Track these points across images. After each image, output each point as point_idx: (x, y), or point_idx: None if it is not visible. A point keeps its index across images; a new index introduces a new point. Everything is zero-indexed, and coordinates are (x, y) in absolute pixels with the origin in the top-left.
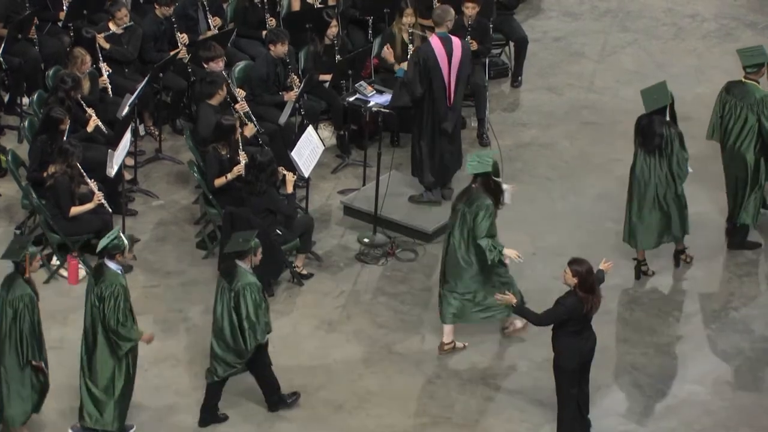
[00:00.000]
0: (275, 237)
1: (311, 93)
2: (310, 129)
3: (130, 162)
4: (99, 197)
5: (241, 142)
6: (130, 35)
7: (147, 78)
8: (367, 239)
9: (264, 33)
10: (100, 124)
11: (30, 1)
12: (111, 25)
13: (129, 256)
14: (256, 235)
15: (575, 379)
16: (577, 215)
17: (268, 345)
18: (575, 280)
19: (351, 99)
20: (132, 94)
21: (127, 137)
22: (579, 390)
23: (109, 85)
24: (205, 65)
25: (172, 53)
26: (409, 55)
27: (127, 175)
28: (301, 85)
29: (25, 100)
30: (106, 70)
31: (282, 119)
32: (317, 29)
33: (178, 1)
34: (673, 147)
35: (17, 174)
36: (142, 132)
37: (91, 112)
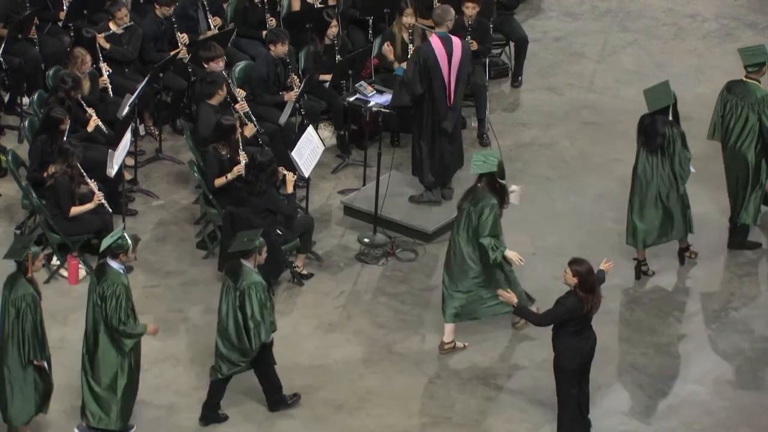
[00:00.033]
0: (275, 237)
1: (311, 93)
2: (310, 129)
3: (130, 162)
4: (99, 197)
5: (241, 142)
6: (130, 35)
7: (147, 78)
8: (367, 239)
9: (264, 33)
10: (100, 123)
11: (30, 1)
12: (111, 25)
13: (132, 256)
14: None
15: (575, 379)
16: (577, 215)
17: (272, 344)
18: (575, 280)
19: (351, 99)
20: (132, 94)
21: (127, 137)
22: (579, 390)
23: (110, 85)
24: (206, 65)
25: (172, 53)
26: (409, 55)
27: (127, 175)
28: (301, 85)
29: (26, 100)
30: (106, 70)
31: (282, 119)
32: (317, 29)
33: (178, 1)
34: (676, 147)
35: (17, 174)
36: (142, 132)
37: (92, 111)
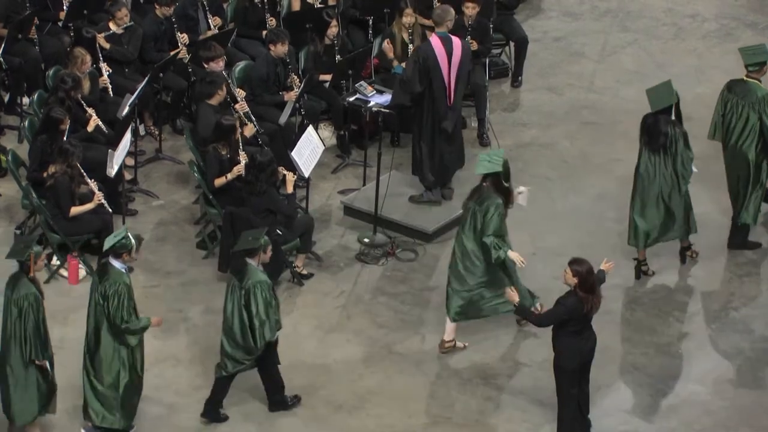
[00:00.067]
0: (275, 237)
1: (311, 93)
2: (310, 129)
3: (130, 162)
4: (99, 197)
5: (241, 142)
6: (130, 35)
7: (147, 78)
8: (367, 239)
9: (264, 33)
10: (100, 123)
11: (30, 1)
12: (111, 25)
13: (135, 256)
14: None
15: (575, 379)
16: (577, 215)
17: (277, 343)
18: (575, 280)
19: (351, 99)
20: (132, 94)
21: (128, 137)
22: (579, 390)
23: (110, 85)
24: (206, 65)
25: (172, 53)
26: (410, 54)
27: (127, 175)
28: (301, 85)
29: (26, 100)
30: (106, 70)
31: (282, 119)
32: (317, 29)
33: (178, 1)
34: (678, 146)
35: (17, 174)
36: (142, 132)
37: (92, 111)
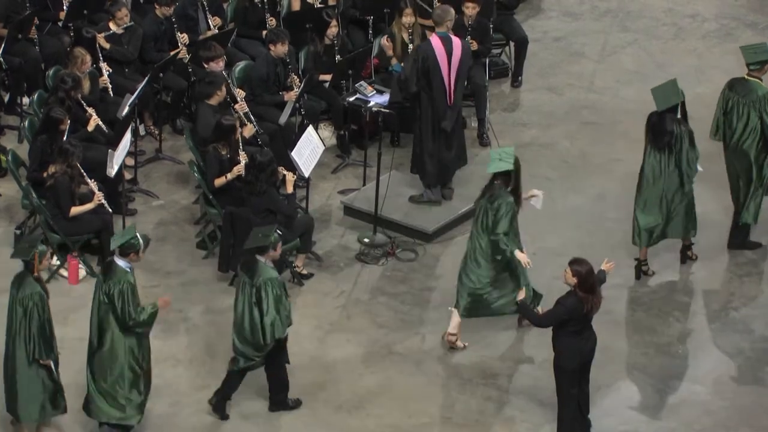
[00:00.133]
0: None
1: (311, 93)
2: (310, 129)
3: (130, 162)
4: (99, 197)
5: (241, 142)
6: (130, 35)
7: (147, 78)
8: (367, 239)
9: (264, 33)
10: (100, 123)
11: (30, 1)
12: (111, 25)
13: (141, 256)
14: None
15: (575, 379)
16: (577, 215)
17: (287, 341)
18: (575, 280)
19: (351, 99)
20: (132, 94)
21: (128, 137)
22: (579, 390)
23: (110, 85)
24: (206, 65)
25: (172, 53)
26: (409, 52)
27: (127, 175)
28: (301, 85)
29: (26, 100)
30: (106, 69)
31: (282, 119)
32: (317, 29)
33: (178, 1)
34: (683, 145)
35: (17, 174)
36: (142, 132)
37: (92, 111)
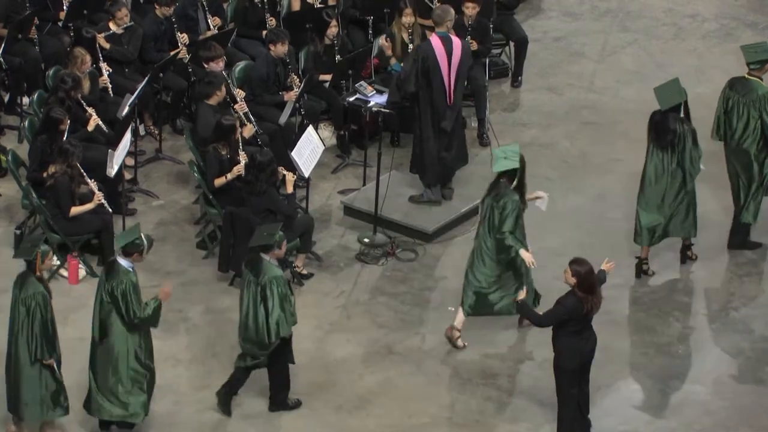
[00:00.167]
0: None
1: (311, 93)
2: (310, 129)
3: (130, 162)
4: (99, 197)
5: (241, 142)
6: (130, 35)
7: (147, 78)
8: (367, 239)
9: (264, 33)
10: (100, 123)
11: (30, 1)
12: (111, 25)
13: (144, 256)
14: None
15: (575, 379)
16: (577, 215)
17: (291, 340)
18: (574, 280)
19: (351, 99)
20: (132, 94)
21: (127, 137)
22: (579, 390)
23: (110, 85)
24: (205, 65)
25: (172, 53)
26: (409, 52)
27: (127, 175)
28: (301, 85)
29: (26, 100)
30: (106, 69)
31: (282, 119)
32: (317, 29)
33: (178, 1)
34: (686, 144)
35: (17, 174)
36: (142, 132)
37: (92, 111)
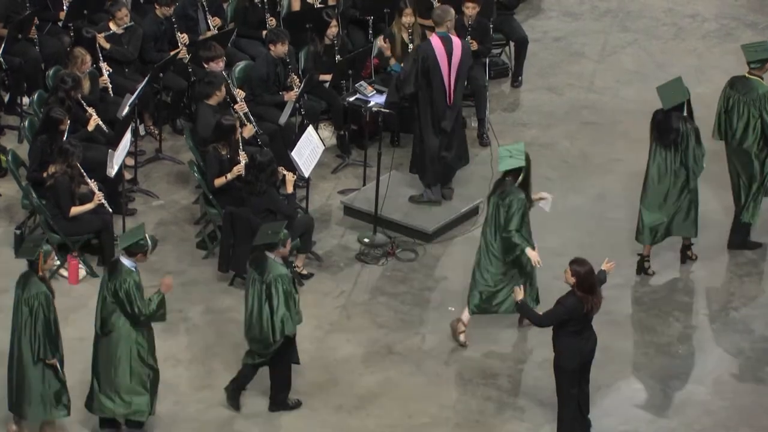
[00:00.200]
0: None
1: (311, 93)
2: (310, 129)
3: (130, 162)
4: (99, 197)
5: (241, 142)
6: (130, 35)
7: (147, 78)
8: (367, 239)
9: (264, 33)
10: (100, 123)
11: (30, 1)
12: (111, 25)
13: (148, 257)
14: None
15: (575, 379)
16: (577, 215)
17: (295, 340)
18: (574, 279)
19: (351, 99)
20: (132, 94)
21: (128, 137)
22: (579, 390)
23: (110, 85)
24: (205, 65)
25: (172, 53)
26: (409, 52)
27: (127, 175)
28: (301, 85)
29: (26, 100)
30: (106, 69)
31: (282, 119)
32: (317, 29)
33: (178, 1)
34: (689, 142)
35: (17, 174)
36: (142, 132)
37: (92, 111)
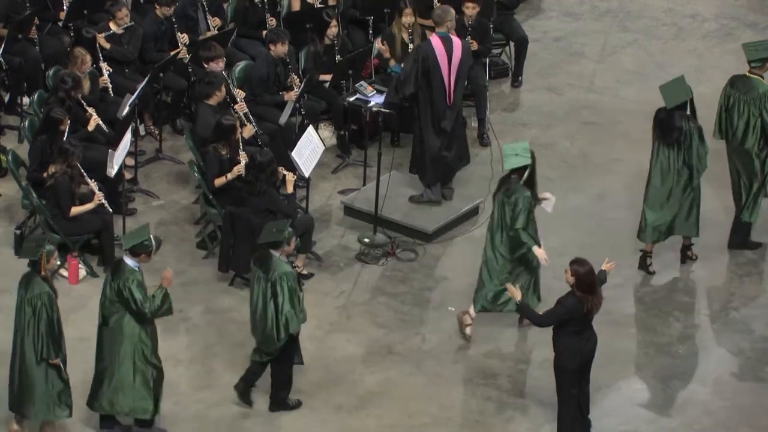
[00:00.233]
0: None
1: (311, 93)
2: (310, 129)
3: (130, 162)
4: (99, 197)
5: (241, 142)
6: (130, 35)
7: (147, 78)
8: (367, 239)
9: (264, 33)
10: (100, 123)
11: (30, 1)
12: (111, 25)
13: (151, 258)
14: (255, 235)
15: (575, 379)
16: (577, 215)
17: (298, 338)
18: (573, 279)
19: (351, 99)
20: (132, 94)
21: (128, 137)
22: (579, 390)
23: (110, 85)
24: (206, 65)
25: (172, 53)
26: (409, 52)
27: (128, 175)
28: (302, 85)
29: (26, 100)
30: (106, 69)
31: (282, 119)
32: (317, 29)
33: (178, 1)
34: (693, 141)
35: (17, 174)
36: (142, 132)
37: (92, 111)
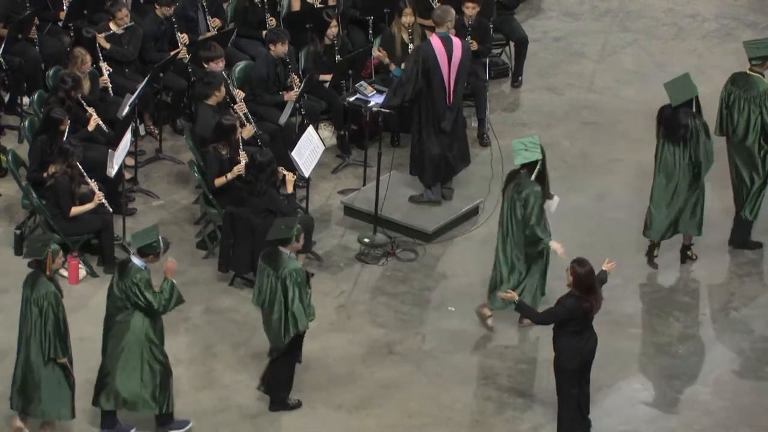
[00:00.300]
0: None
1: (311, 93)
2: (310, 129)
3: (130, 162)
4: (99, 197)
5: (241, 142)
6: (130, 35)
7: (147, 78)
8: (368, 239)
9: (264, 33)
10: (100, 123)
11: (30, 1)
12: (111, 25)
13: (159, 259)
14: (255, 235)
15: (575, 379)
16: (577, 215)
17: (303, 338)
18: (573, 279)
19: (351, 99)
20: (132, 94)
21: (128, 137)
22: (579, 390)
23: (110, 85)
24: (205, 65)
25: (172, 53)
26: (409, 53)
27: (128, 175)
28: (302, 85)
29: (26, 100)
30: (106, 69)
31: (282, 119)
32: (317, 29)
33: (178, 2)
34: (699, 137)
35: (17, 174)
36: (142, 132)
37: (92, 111)
